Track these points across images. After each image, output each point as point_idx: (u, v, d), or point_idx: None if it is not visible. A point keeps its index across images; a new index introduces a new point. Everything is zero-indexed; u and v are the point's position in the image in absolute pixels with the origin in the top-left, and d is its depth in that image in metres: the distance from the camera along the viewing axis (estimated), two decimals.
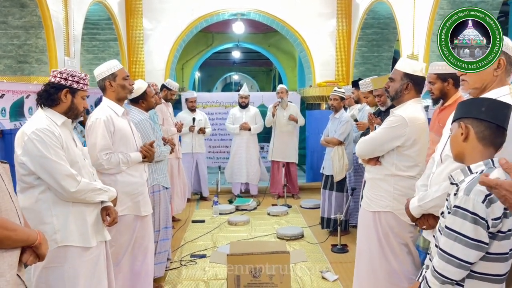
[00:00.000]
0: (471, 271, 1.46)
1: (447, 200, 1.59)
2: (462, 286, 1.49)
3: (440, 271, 1.48)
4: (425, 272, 1.73)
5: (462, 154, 1.60)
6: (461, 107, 1.63)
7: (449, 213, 1.50)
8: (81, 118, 4.94)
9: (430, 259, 1.67)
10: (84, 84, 2.28)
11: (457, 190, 1.48)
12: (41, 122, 2.14)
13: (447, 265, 1.46)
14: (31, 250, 1.64)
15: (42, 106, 2.21)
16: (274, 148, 6.61)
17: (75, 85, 2.24)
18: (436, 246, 1.58)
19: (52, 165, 2.07)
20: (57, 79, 2.22)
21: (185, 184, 5.72)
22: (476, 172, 1.49)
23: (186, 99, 6.60)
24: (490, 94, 1.85)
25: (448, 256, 1.46)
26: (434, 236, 1.65)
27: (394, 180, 2.62)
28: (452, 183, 1.57)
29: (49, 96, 2.20)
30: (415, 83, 2.60)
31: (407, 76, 2.59)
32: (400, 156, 2.61)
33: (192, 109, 6.48)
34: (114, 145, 2.79)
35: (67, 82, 2.22)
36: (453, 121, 1.64)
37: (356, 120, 4.44)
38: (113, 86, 2.85)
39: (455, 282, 1.48)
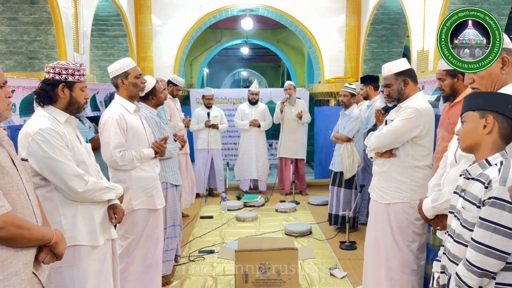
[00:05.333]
0: (507, 262, 1.43)
1: (460, 196, 1.56)
2: (494, 278, 1.45)
3: (479, 264, 1.44)
4: (438, 276, 1.69)
5: (477, 145, 1.57)
6: (487, 98, 1.59)
7: (478, 206, 1.47)
8: (89, 114, 4.97)
9: (450, 259, 1.62)
10: (79, 75, 2.18)
11: (489, 182, 1.45)
12: (44, 121, 2.08)
13: (486, 257, 1.42)
14: (48, 249, 1.63)
15: (42, 104, 2.15)
16: (282, 144, 6.59)
17: (70, 78, 2.15)
18: (459, 243, 1.55)
19: (58, 166, 2.03)
20: (51, 74, 2.13)
21: (193, 180, 5.75)
22: (496, 164, 1.49)
23: (203, 96, 6.62)
24: (504, 91, 1.83)
25: (487, 248, 1.42)
26: (448, 233, 1.60)
27: (411, 172, 2.71)
28: (467, 178, 1.55)
29: (47, 94, 2.13)
30: (410, 75, 2.76)
31: (399, 74, 2.75)
32: (415, 146, 2.71)
33: (208, 106, 6.52)
34: (127, 142, 2.85)
35: (62, 76, 2.13)
36: (474, 109, 1.60)
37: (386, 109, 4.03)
38: (125, 84, 2.89)
39: (492, 275, 1.45)
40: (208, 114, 6.45)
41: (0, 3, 4.50)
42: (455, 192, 1.65)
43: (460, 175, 1.63)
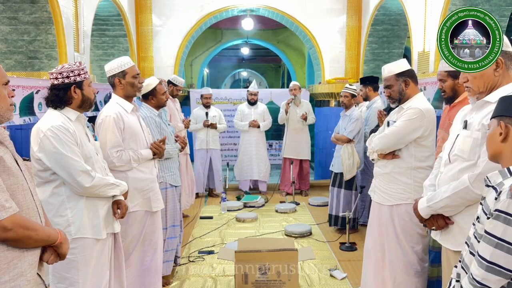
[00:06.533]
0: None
1: (481, 204, 1.47)
2: None
3: (479, 279, 1.35)
4: (453, 285, 1.60)
5: (499, 155, 1.48)
6: (503, 104, 1.49)
7: (488, 218, 1.37)
8: (89, 114, 4.96)
9: (462, 268, 1.55)
10: (84, 73, 2.30)
11: (499, 194, 1.35)
12: (56, 119, 2.20)
13: (487, 273, 1.33)
14: (52, 250, 1.64)
15: (56, 108, 2.26)
16: (286, 145, 6.59)
17: (78, 78, 2.26)
18: (471, 253, 1.47)
19: (67, 161, 2.14)
20: (60, 80, 2.24)
21: (193, 181, 5.74)
22: None
23: (202, 95, 6.61)
24: (499, 92, 1.84)
25: (488, 263, 1.33)
26: (467, 243, 1.54)
27: (414, 173, 2.70)
28: (487, 185, 1.45)
29: (61, 99, 2.24)
30: (410, 76, 2.76)
31: (400, 75, 2.75)
32: (418, 147, 2.70)
33: (207, 106, 6.50)
34: (124, 142, 2.80)
35: (70, 79, 2.25)
36: (493, 117, 1.52)
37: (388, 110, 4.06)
38: (122, 84, 2.84)
39: None
40: (207, 114, 6.43)
41: (1, 2, 4.49)
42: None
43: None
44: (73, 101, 2.27)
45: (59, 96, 2.24)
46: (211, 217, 5.62)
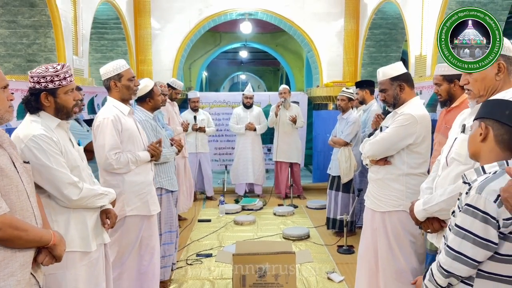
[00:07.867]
0: (481, 270, 1.44)
1: (458, 199, 1.55)
2: (472, 286, 1.46)
3: (447, 267, 1.48)
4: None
5: (478, 154, 1.58)
6: (485, 106, 1.59)
7: (460, 211, 1.48)
8: (86, 117, 4.96)
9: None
10: (60, 79, 2.05)
11: (470, 189, 1.45)
12: (37, 127, 2.02)
13: (454, 262, 1.45)
14: (46, 251, 1.64)
15: (32, 113, 2.08)
16: (277, 148, 6.59)
17: (50, 85, 2.03)
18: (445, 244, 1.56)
19: (53, 174, 1.99)
20: (32, 84, 2.04)
21: (191, 184, 5.73)
22: (490, 173, 1.47)
23: (189, 99, 6.61)
24: (498, 97, 1.85)
25: (455, 253, 1.45)
26: (444, 236, 1.61)
27: (406, 179, 2.65)
28: (464, 182, 1.55)
29: (32, 104, 2.06)
30: (406, 80, 2.70)
31: (395, 79, 2.70)
32: (411, 154, 2.66)
33: (195, 109, 6.48)
34: (122, 145, 2.77)
35: (41, 85, 2.03)
36: (475, 119, 1.61)
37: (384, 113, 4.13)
38: (118, 87, 2.82)
39: (460, 278, 1.47)
40: (195, 117, 6.41)
41: (0, 5, 4.51)
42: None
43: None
44: (45, 109, 2.07)
45: (30, 101, 2.05)
46: (209, 220, 5.63)
